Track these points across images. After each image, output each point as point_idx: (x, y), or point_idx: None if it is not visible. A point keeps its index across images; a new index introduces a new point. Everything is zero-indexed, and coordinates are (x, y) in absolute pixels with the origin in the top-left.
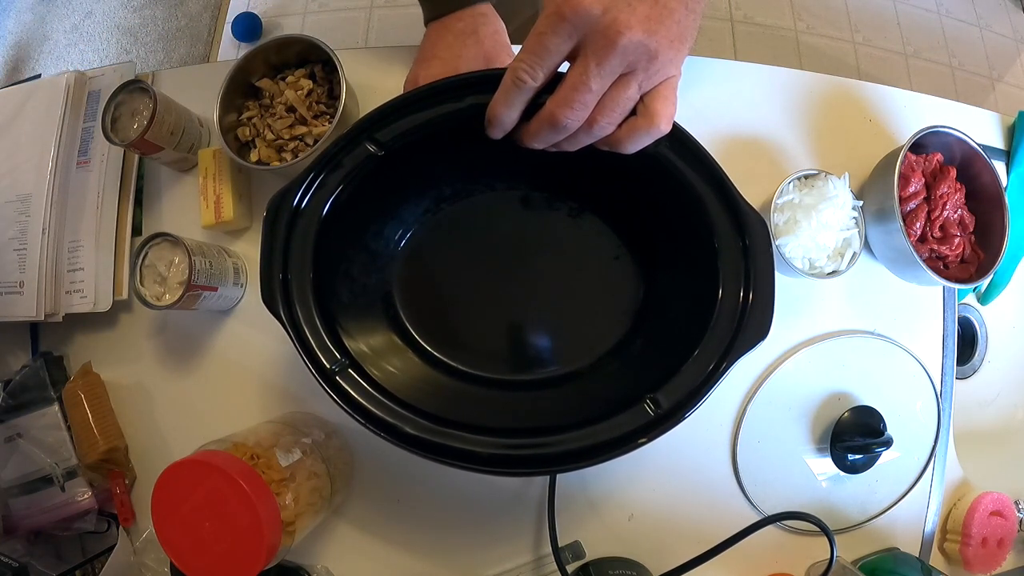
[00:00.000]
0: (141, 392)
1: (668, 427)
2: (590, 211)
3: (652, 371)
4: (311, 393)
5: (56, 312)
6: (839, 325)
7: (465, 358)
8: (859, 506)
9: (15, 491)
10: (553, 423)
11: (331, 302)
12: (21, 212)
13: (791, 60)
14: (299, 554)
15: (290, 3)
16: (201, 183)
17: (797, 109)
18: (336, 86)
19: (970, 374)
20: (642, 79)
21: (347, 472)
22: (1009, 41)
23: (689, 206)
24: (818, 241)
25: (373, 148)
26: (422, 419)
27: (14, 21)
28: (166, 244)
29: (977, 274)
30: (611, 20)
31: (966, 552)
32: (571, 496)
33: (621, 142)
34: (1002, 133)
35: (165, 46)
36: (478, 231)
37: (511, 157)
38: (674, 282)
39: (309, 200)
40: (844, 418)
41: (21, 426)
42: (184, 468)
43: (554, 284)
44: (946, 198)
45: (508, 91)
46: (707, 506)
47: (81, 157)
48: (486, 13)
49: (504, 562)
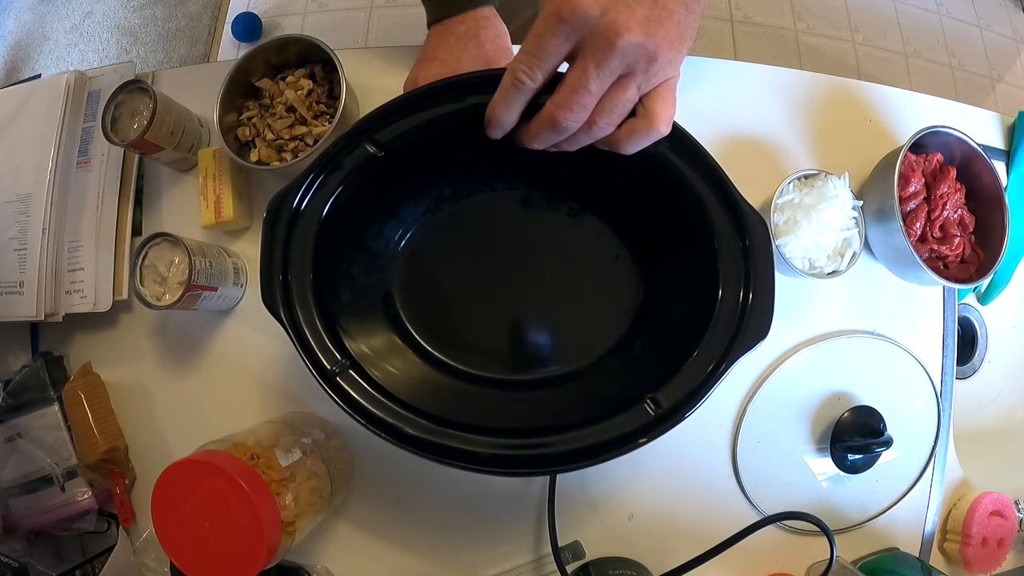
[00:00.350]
0: (141, 392)
1: (668, 427)
2: (590, 211)
3: (652, 371)
4: (311, 393)
5: (56, 312)
6: (839, 325)
7: (465, 358)
8: (859, 506)
9: (15, 491)
10: (553, 423)
11: (331, 303)
12: (21, 212)
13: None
14: (299, 554)
15: (290, 3)
16: (201, 183)
17: (797, 109)
18: (336, 86)
19: (970, 374)
20: (641, 80)
21: (347, 472)
22: (1009, 41)
23: (689, 206)
24: (818, 241)
25: (373, 149)
26: (422, 419)
27: (14, 21)
28: (166, 244)
29: (977, 274)
30: (610, 22)
31: (966, 552)
32: (571, 496)
33: (620, 143)
34: (1002, 133)
35: (165, 46)
36: (478, 231)
37: (511, 157)
38: (674, 282)
39: (309, 201)
40: (844, 418)
41: (21, 426)
42: (184, 468)
43: (554, 284)
44: (946, 198)
45: (507, 92)
46: (707, 506)
47: (81, 157)
48: (488, 16)
49: (504, 562)
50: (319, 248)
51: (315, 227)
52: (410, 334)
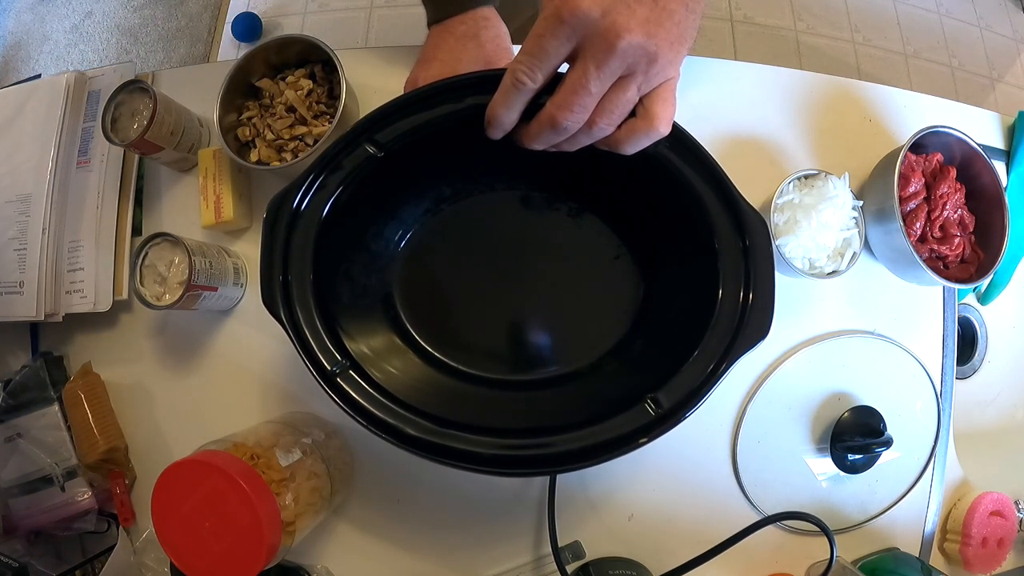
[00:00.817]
0: (141, 392)
1: (668, 427)
2: (590, 211)
3: (652, 371)
4: (311, 393)
5: (56, 312)
6: (839, 325)
7: (465, 359)
8: (859, 506)
9: (15, 491)
10: (554, 423)
11: (331, 303)
12: (21, 212)
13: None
14: (299, 554)
15: (290, 3)
16: (201, 183)
17: (797, 109)
18: (336, 86)
19: (970, 374)
20: (641, 81)
21: (347, 472)
22: (1009, 41)
23: (689, 206)
24: (818, 241)
25: (373, 150)
26: (423, 420)
27: (14, 21)
28: (166, 244)
29: (977, 274)
30: (610, 23)
31: (966, 552)
32: (571, 496)
33: (620, 143)
34: (1002, 133)
35: (165, 46)
36: (478, 231)
37: (511, 157)
38: (674, 282)
39: (309, 201)
40: (844, 418)
41: (21, 426)
42: (184, 468)
43: (554, 284)
44: (946, 198)
45: (507, 92)
46: (707, 506)
47: (81, 157)
48: (489, 17)
49: (504, 562)
50: (319, 248)
51: (315, 227)
52: (410, 334)
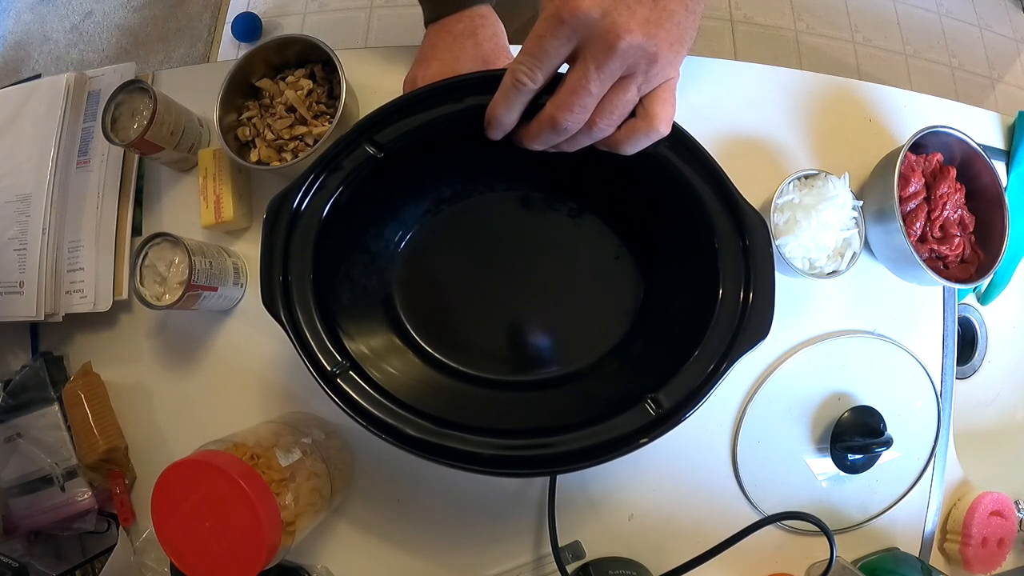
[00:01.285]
0: (141, 392)
1: (669, 427)
2: (590, 211)
3: (652, 371)
4: (311, 393)
5: (56, 312)
6: (839, 325)
7: (465, 359)
8: (859, 506)
9: (15, 491)
10: (554, 424)
11: (331, 304)
12: (21, 212)
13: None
14: (299, 554)
15: (290, 3)
16: (201, 183)
17: (797, 109)
18: (336, 86)
19: (970, 374)
20: (641, 82)
21: (347, 472)
22: (1009, 41)
23: (689, 206)
24: (818, 241)
25: (373, 150)
26: (423, 420)
27: (14, 21)
28: (166, 244)
29: (977, 274)
30: (610, 23)
31: (966, 552)
32: (571, 496)
33: (620, 144)
34: (1002, 133)
35: (165, 46)
36: (478, 232)
37: (511, 158)
38: (674, 282)
39: (309, 202)
40: (844, 418)
41: (21, 426)
42: (184, 468)
43: (554, 284)
44: (946, 198)
45: (507, 92)
46: (707, 506)
47: (81, 157)
48: (485, 15)
49: (504, 562)
50: (319, 249)
51: (315, 228)
52: (410, 335)
